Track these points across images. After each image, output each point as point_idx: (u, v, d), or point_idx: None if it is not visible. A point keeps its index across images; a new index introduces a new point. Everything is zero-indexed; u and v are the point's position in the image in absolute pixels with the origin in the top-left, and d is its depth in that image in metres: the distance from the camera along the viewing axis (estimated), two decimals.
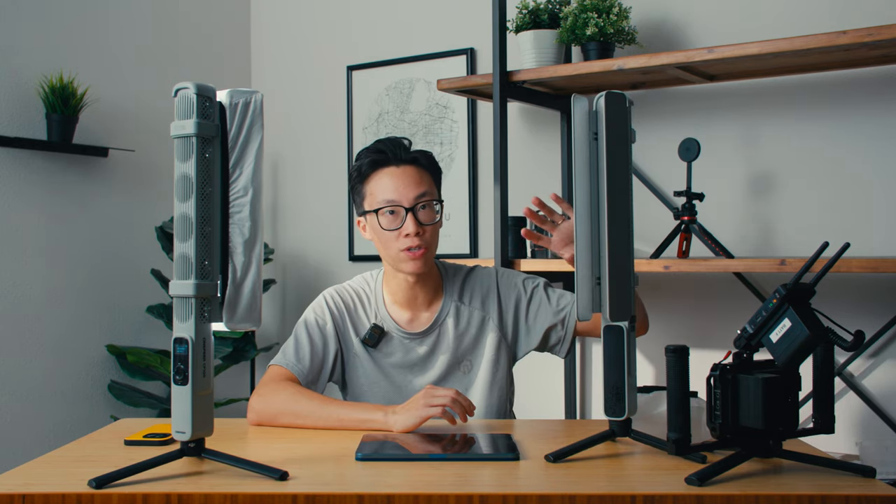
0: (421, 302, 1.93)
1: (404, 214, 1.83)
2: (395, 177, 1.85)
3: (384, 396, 1.91)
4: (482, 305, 1.95)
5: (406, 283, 1.90)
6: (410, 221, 1.82)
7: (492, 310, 1.94)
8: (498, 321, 1.94)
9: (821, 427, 1.41)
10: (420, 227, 1.83)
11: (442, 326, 1.92)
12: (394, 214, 1.84)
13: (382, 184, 1.86)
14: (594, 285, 1.43)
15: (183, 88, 1.31)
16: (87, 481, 1.27)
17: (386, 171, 1.87)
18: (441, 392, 1.63)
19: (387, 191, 1.85)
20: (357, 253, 3.45)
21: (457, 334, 1.92)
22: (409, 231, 1.82)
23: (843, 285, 2.49)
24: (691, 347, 1.38)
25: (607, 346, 1.47)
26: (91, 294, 3.11)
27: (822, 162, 2.58)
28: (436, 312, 1.93)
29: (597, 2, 2.61)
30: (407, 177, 1.85)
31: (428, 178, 1.88)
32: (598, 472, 1.40)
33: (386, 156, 1.87)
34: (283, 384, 1.80)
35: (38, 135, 2.93)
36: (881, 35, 2.15)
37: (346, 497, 1.23)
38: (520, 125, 3.07)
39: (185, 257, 1.30)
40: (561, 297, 1.94)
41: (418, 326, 1.93)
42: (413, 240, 1.83)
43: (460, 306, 1.94)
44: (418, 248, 1.83)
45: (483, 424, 1.77)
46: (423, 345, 1.92)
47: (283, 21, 3.66)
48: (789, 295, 1.32)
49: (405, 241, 1.83)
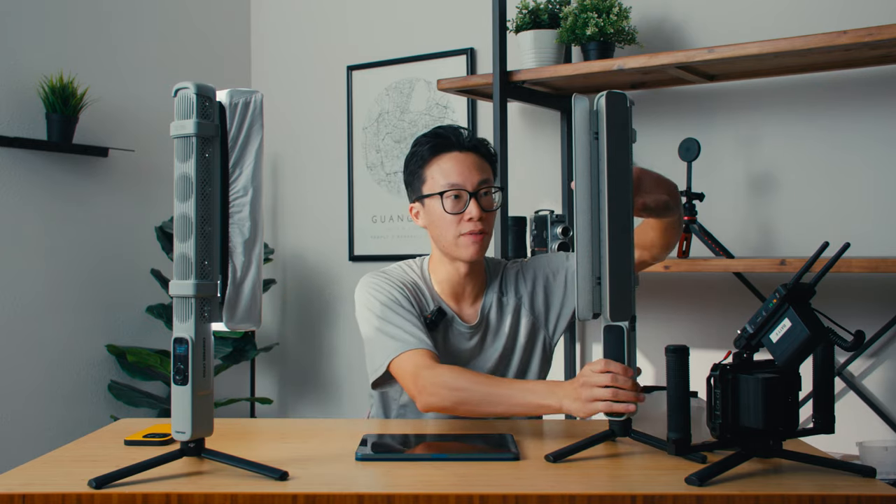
0: (468, 294, 1.91)
1: (468, 199, 1.81)
2: (459, 161, 1.83)
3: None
4: (515, 292, 1.94)
5: (457, 274, 1.88)
6: (474, 206, 1.81)
7: (523, 294, 1.93)
8: (529, 305, 1.93)
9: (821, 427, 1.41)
10: (482, 213, 1.82)
11: (487, 321, 1.92)
12: (458, 199, 1.82)
13: (446, 168, 1.83)
14: (594, 285, 1.43)
15: (183, 88, 1.31)
16: (87, 481, 1.27)
17: (450, 155, 1.84)
18: (600, 383, 1.48)
19: (451, 174, 1.82)
20: (357, 253, 3.45)
21: (499, 328, 1.92)
22: (472, 215, 1.81)
23: (843, 285, 2.49)
24: (691, 347, 1.38)
25: (607, 346, 1.47)
26: (91, 294, 3.11)
27: (821, 162, 2.58)
28: (479, 306, 1.92)
29: (597, 2, 2.61)
30: (470, 162, 1.84)
31: (488, 166, 1.87)
32: (598, 472, 1.39)
33: (449, 140, 1.85)
34: (439, 369, 1.68)
35: (38, 135, 2.93)
36: (881, 35, 2.15)
37: (346, 497, 1.23)
38: (520, 125, 3.07)
39: (185, 257, 1.30)
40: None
41: (468, 319, 1.92)
42: (476, 224, 1.81)
43: (501, 298, 1.93)
44: (480, 232, 1.82)
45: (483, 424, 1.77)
46: (472, 339, 1.90)
47: (283, 21, 3.66)
48: (789, 295, 1.32)
49: (467, 226, 1.82)
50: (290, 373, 3.61)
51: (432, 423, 1.81)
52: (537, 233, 2.64)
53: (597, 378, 1.48)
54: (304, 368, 3.57)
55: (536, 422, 1.85)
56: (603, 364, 1.48)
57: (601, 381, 1.48)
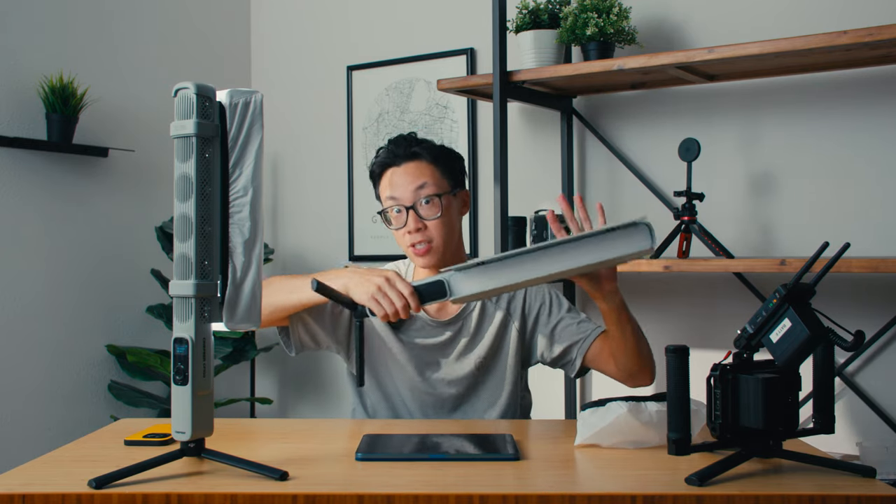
0: None
1: (406, 213, 1.86)
2: (396, 175, 1.89)
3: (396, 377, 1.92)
4: (507, 306, 1.96)
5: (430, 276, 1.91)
6: (411, 218, 1.86)
7: (516, 313, 1.95)
8: (520, 325, 1.95)
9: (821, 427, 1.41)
10: (421, 223, 1.85)
11: (466, 319, 1.93)
12: (399, 213, 1.87)
13: (386, 183, 1.91)
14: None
15: (183, 88, 1.31)
16: (87, 481, 1.27)
17: (390, 170, 1.91)
18: (395, 292, 1.61)
19: (389, 189, 1.89)
20: (357, 253, 3.45)
21: (479, 329, 1.93)
22: (409, 228, 1.86)
23: (843, 285, 2.49)
24: (691, 347, 1.38)
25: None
26: (91, 294, 3.11)
27: (822, 162, 2.58)
28: (462, 304, 1.93)
29: (597, 2, 2.61)
30: (406, 174, 1.88)
31: (431, 170, 1.89)
32: (597, 472, 1.40)
33: (392, 155, 1.91)
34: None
35: (38, 135, 2.93)
36: (881, 35, 2.15)
37: (346, 497, 1.23)
38: (520, 125, 3.07)
39: (185, 257, 1.30)
40: (584, 321, 1.94)
41: (444, 315, 1.94)
42: (415, 236, 1.86)
43: (486, 302, 1.95)
44: (421, 243, 1.85)
45: (483, 424, 1.77)
46: (446, 331, 1.93)
47: (283, 21, 3.66)
48: (789, 295, 1.32)
49: (408, 238, 1.87)
50: (290, 373, 3.61)
51: (432, 423, 1.82)
52: (537, 233, 2.64)
53: (394, 285, 1.61)
54: (304, 368, 3.57)
55: (536, 422, 1.85)
56: (402, 282, 1.61)
57: (386, 285, 1.61)
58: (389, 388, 1.94)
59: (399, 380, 1.93)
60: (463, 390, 1.92)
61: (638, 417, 1.47)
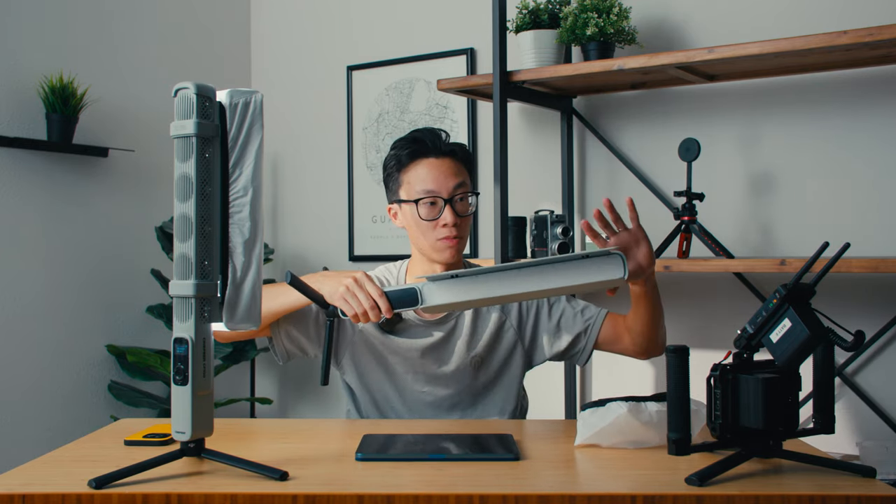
0: None
1: (442, 205, 1.86)
2: (434, 168, 1.88)
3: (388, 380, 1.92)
4: (501, 307, 1.96)
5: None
6: (448, 212, 1.86)
7: (511, 313, 1.96)
8: (517, 325, 1.95)
9: (821, 427, 1.41)
10: (457, 218, 1.86)
11: (459, 318, 1.94)
12: (433, 205, 1.87)
13: (421, 174, 1.88)
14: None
15: (183, 88, 1.31)
16: (87, 481, 1.27)
17: (425, 161, 1.89)
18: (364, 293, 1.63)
19: (426, 181, 1.87)
20: (357, 253, 3.45)
21: (473, 329, 1.93)
22: (447, 221, 1.86)
23: (843, 285, 2.49)
24: (691, 347, 1.38)
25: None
26: (91, 294, 3.11)
27: (822, 162, 2.58)
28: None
29: (597, 2, 2.61)
30: (446, 168, 1.88)
31: (464, 170, 1.91)
32: (597, 472, 1.40)
33: (426, 146, 1.89)
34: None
35: (38, 135, 2.93)
36: (881, 35, 2.15)
37: (346, 497, 1.23)
38: (520, 125, 3.07)
39: (185, 257, 1.30)
40: (586, 307, 1.96)
41: (436, 315, 1.94)
42: (451, 230, 1.86)
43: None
44: (455, 237, 1.87)
45: (483, 424, 1.77)
46: (438, 331, 1.92)
47: (283, 21, 3.66)
48: (789, 295, 1.32)
49: (443, 231, 1.87)
50: (290, 373, 3.61)
51: (432, 423, 1.82)
52: (537, 233, 2.64)
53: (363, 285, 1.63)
54: (304, 369, 3.57)
55: (536, 422, 1.85)
56: (371, 283, 1.64)
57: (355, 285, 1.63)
58: (382, 391, 1.93)
59: (392, 383, 1.92)
60: (458, 392, 1.91)
61: (638, 417, 1.47)
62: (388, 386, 1.92)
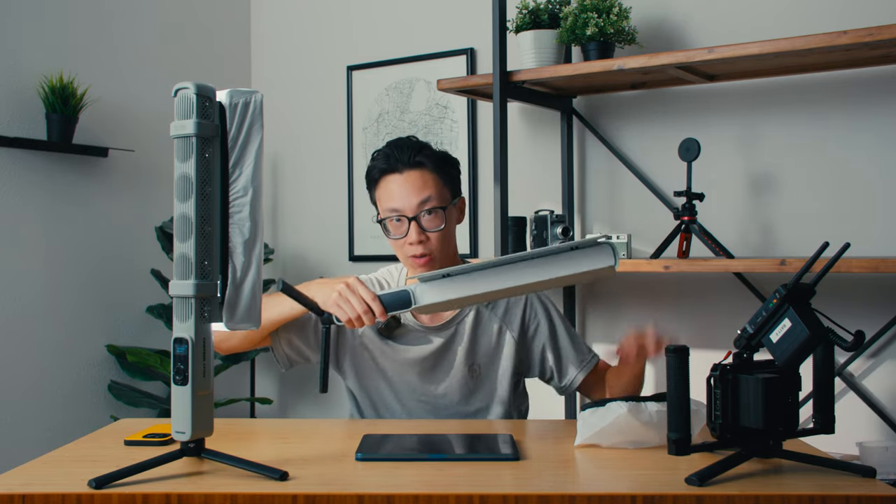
0: None
1: (408, 223, 1.83)
2: (398, 185, 1.84)
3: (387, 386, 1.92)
4: (504, 316, 1.94)
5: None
6: (413, 230, 1.82)
7: (514, 323, 1.94)
8: (519, 336, 1.94)
9: (821, 427, 1.41)
10: (423, 235, 1.83)
11: (460, 325, 1.92)
12: (399, 222, 1.84)
13: (387, 192, 1.85)
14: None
15: (183, 88, 1.31)
16: (87, 481, 1.27)
17: (390, 178, 1.85)
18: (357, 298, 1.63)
19: (391, 199, 1.84)
20: (357, 253, 3.45)
21: (473, 336, 1.92)
22: (412, 240, 1.82)
23: (843, 285, 2.49)
24: (691, 347, 1.38)
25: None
26: (91, 294, 3.11)
27: (822, 162, 2.58)
28: (456, 311, 1.92)
29: (597, 2, 2.61)
30: (409, 184, 1.83)
31: (434, 180, 1.85)
32: (598, 472, 1.40)
33: (390, 161, 1.85)
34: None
35: (38, 135, 2.93)
36: (881, 35, 2.15)
37: (346, 497, 1.23)
38: (520, 125, 3.07)
39: (185, 257, 1.30)
40: (582, 343, 2.00)
41: (435, 322, 1.92)
42: (416, 248, 1.83)
43: (482, 309, 1.93)
44: (422, 255, 1.83)
45: (483, 424, 1.77)
46: (438, 337, 1.91)
47: (283, 21, 3.66)
48: (789, 295, 1.32)
49: (409, 249, 1.84)
50: (290, 373, 3.61)
51: (432, 423, 1.81)
52: (537, 233, 2.64)
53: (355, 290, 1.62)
54: (304, 369, 3.56)
55: (536, 422, 1.85)
56: (364, 288, 1.62)
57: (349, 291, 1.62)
58: (381, 397, 1.93)
59: (392, 389, 1.92)
60: (457, 398, 1.90)
61: (638, 417, 1.47)
62: (387, 391, 1.92)
